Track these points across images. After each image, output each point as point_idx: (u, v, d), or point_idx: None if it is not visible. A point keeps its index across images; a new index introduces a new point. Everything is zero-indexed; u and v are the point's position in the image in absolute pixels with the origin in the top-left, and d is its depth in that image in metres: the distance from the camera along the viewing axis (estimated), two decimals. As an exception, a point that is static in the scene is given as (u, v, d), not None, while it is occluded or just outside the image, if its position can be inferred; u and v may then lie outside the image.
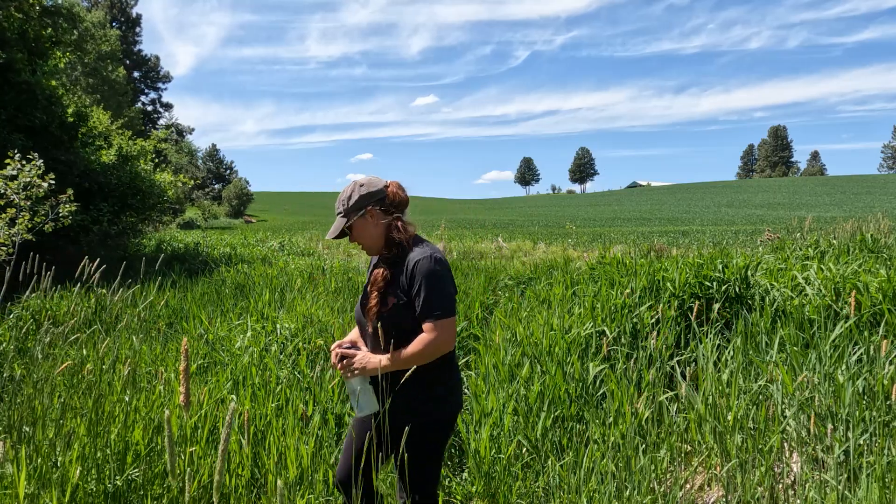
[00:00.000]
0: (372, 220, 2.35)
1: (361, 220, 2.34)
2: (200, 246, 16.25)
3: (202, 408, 3.53)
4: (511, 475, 3.45)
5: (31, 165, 6.77)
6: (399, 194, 2.40)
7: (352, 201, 2.34)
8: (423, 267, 2.25)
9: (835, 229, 9.88)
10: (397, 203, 2.38)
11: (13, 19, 10.43)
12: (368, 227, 2.35)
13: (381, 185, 2.38)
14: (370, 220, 2.35)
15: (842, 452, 3.01)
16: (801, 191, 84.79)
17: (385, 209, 2.36)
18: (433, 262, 2.27)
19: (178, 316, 6.89)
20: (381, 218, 2.35)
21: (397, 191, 2.40)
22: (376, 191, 2.35)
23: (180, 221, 43.12)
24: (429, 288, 2.24)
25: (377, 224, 2.35)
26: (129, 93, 44.47)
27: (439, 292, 2.25)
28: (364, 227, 2.35)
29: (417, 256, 2.28)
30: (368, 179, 2.39)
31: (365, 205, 2.33)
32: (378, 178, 2.40)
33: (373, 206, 2.34)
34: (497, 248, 18.23)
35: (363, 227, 2.35)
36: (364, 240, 2.38)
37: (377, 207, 2.34)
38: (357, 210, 2.33)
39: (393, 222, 2.35)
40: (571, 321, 5.21)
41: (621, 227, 34.51)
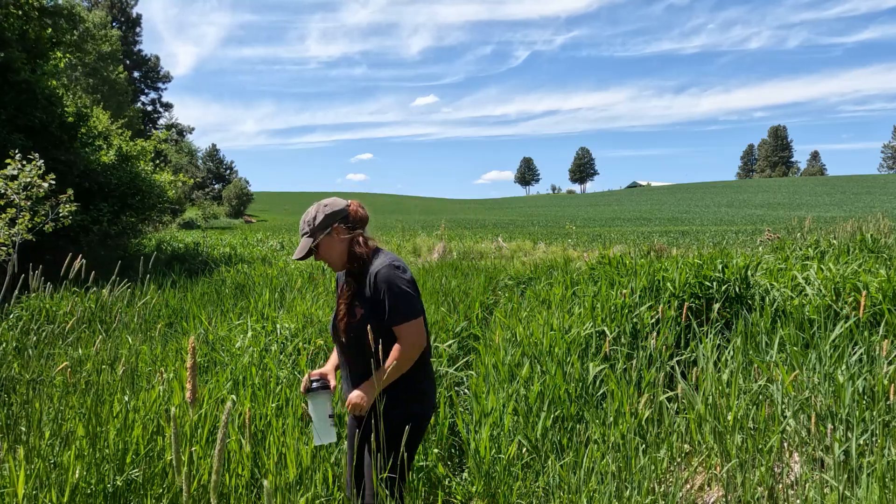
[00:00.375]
0: (337, 238, 2.48)
1: (328, 237, 2.48)
2: (200, 246, 16.25)
3: (202, 407, 3.53)
4: (511, 475, 3.45)
5: (32, 165, 6.77)
6: (360, 212, 2.56)
7: (317, 221, 2.47)
8: (383, 275, 2.41)
9: (835, 229, 9.88)
10: (359, 220, 2.54)
11: (13, 19, 10.43)
12: (334, 243, 2.49)
13: (343, 204, 2.53)
14: (336, 238, 2.48)
15: (842, 452, 3.00)
16: (801, 191, 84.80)
17: (349, 226, 2.50)
18: (392, 269, 2.43)
19: (178, 316, 6.89)
20: (344, 234, 2.49)
21: (358, 209, 2.56)
22: (340, 209, 2.50)
23: (180, 221, 43.12)
24: (392, 294, 2.39)
25: (342, 240, 2.49)
26: (130, 93, 44.48)
27: (402, 297, 2.40)
28: (330, 244, 2.49)
29: (378, 267, 2.44)
30: (331, 200, 2.54)
31: (331, 223, 2.48)
32: (340, 199, 2.55)
33: (338, 223, 2.48)
34: (497, 248, 18.23)
35: (329, 245, 2.49)
36: (330, 256, 2.51)
37: (342, 224, 2.49)
38: (324, 228, 2.47)
39: (355, 238, 2.50)
40: (571, 321, 5.21)
41: (621, 227, 34.51)
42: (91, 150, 12.18)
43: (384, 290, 2.39)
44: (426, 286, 8.64)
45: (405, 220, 47.17)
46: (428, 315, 6.51)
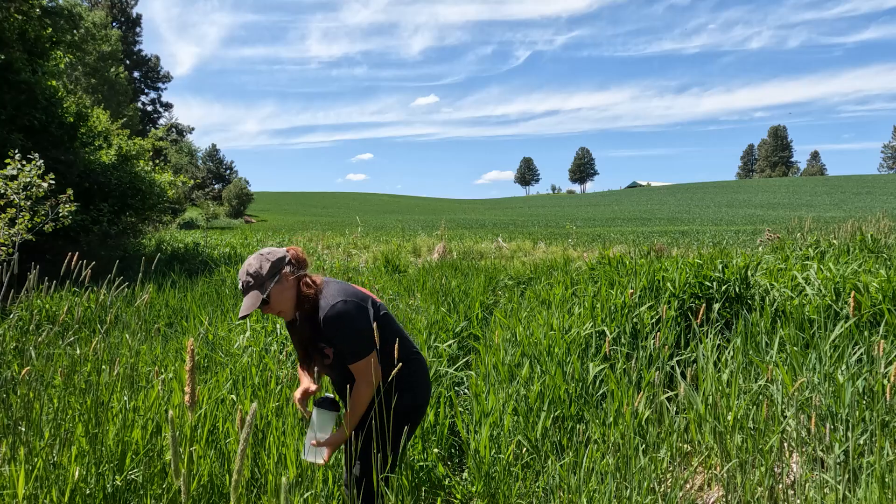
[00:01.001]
0: (287, 283, 2.42)
1: (278, 286, 2.41)
2: (200, 246, 16.25)
3: (202, 407, 3.53)
4: (511, 475, 3.44)
5: (32, 165, 6.77)
6: (299, 254, 2.52)
7: (264, 270, 2.39)
8: (330, 317, 2.38)
9: (835, 229, 9.88)
10: (301, 261, 2.50)
11: (13, 20, 10.42)
12: (285, 290, 2.42)
13: (283, 251, 2.48)
14: (286, 283, 2.42)
15: (842, 452, 3.00)
16: (801, 191, 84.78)
17: (294, 269, 2.45)
18: (337, 308, 2.38)
19: (178, 316, 6.89)
20: (293, 278, 2.44)
21: (297, 252, 2.52)
22: (283, 255, 2.45)
23: (180, 221, 43.11)
24: (341, 336, 2.39)
25: (291, 286, 2.43)
26: (130, 93, 44.48)
27: (350, 337, 2.39)
28: (281, 291, 2.41)
29: (324, 308, 2.40)
30: (270, 249, 2.48)
31: (279, 269, 2.41)
32: (277, 248, 2.53)
33: (285, 268, 2.43)
34: (497, 248, 18.23)
35: (281, 293, 2.42)
36: (282, 304, 2.44)
37: (288, 269, 2.44)
38: (272, 277, 2.39)
39: (302, 280, 2.46)
40: (571, 321, 5.21)
41: (621, 227, 34.51)
42: (91, 150, 12.18)
43: (333, 332, 2.39)
44: (426, 286, 8.64)
45: (405, 220, 47.16)
46: (428, 315, 6.51)
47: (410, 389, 2.59)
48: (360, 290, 2.57)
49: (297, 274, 2.46)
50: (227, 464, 3.28)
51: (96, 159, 11.99)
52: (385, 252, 14.87)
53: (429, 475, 3.56)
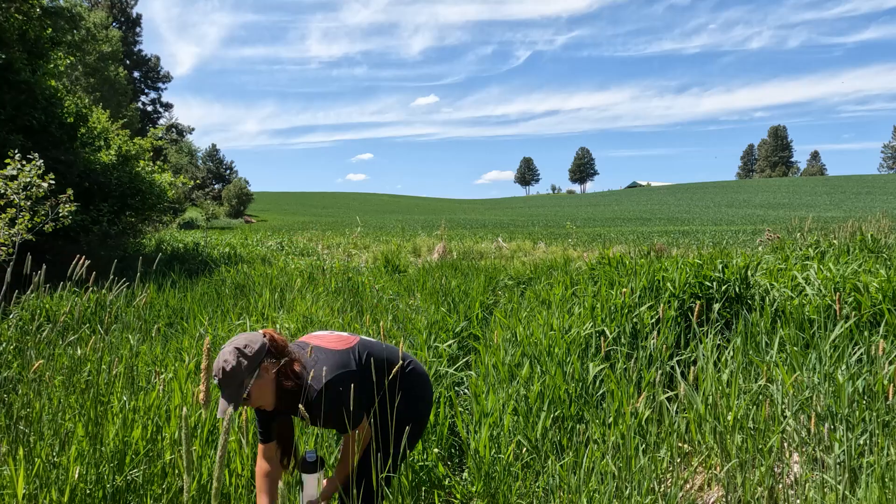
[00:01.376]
0: (268, 376, 2.23)
1: (258, 381, 2.21)
2: (200, 246, 16.25)
3: (202, 407, 3.53)
4: (511, 475, 3.44)
5: (32, 165, 6.77)
6: (277, 338, 2.31)
7: (243, 367, 2.16)
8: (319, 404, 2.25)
9: (835, 229, 9.88)
10: (280, 348, 2.29)
11: (13, 20, 10.42)
12: (265, 384, 2.23)
13: (260, 338, 2.25)
14: (266, 377, 2.23)
15: (842, 452, 3.00)
16: (801, 191, 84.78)
17: (275, 359, 2.26)
18: (326, 394, 2.25)
19: (178, 316, 6.89)
20: (273, 369, 2.25)
21: (273, 335, 2.31)
22: (261, 345, 2.23)
23: (180, 221, 43.12)
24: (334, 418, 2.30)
25: (272, 380, 2.24)
26: (130, 93, 44.48)
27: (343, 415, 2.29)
28: (261, 386, 2.23)
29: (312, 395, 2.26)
30: (244, 339, 2.23)
31: (258, 364, 2.20)
32: (250, 334, 2.26)
33: (264, 360, 2.22)
34: (497, 248, 18.23)
35: (261, 388, 2.23)
36: (264, 399, 2.26)
37: (268, 360, 2.24)
38: (252, 372, 2.18)
39: (282, 370, 2.26)
40: (571, 321, 5.21)
41: (621, 227, 34.51)
42: (91, 150, 12.18)
43: (327, 417, 2.28)
44: (426, 286, 8.64)
45: (405, 220, 47.16)
46: (428, 315, 6.51)
47: (411, 404, 2.60)
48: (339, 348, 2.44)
49: (277, 366, 2.25)
50: (228, 464, 3.28)
51: (96, 159, 11.99)
52: (385, 252, 14.88)
53: (429, 475, 3.56)
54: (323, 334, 2.59)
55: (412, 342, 5.31)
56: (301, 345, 2.46)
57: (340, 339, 2.53)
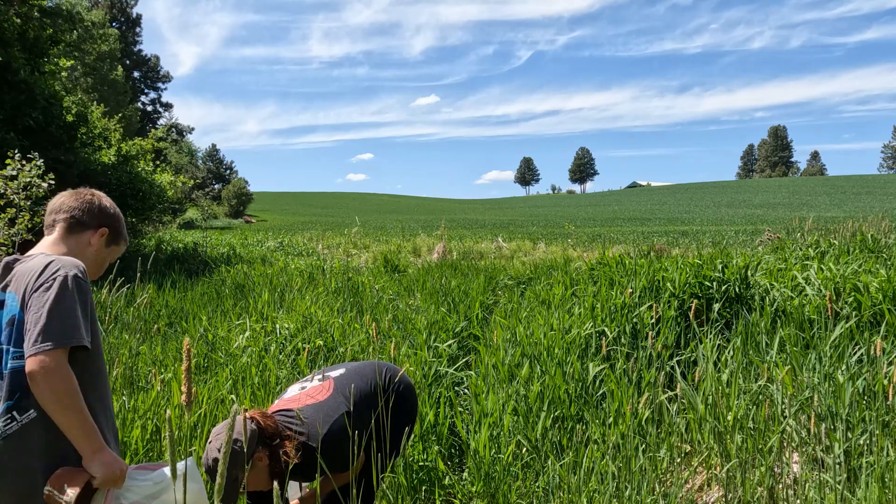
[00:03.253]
0: (262, 465, 2.17)
1: (252, 471, 2.15)
2: (200, 246, 16.25)
3: (201, 407, 3.53)
4: (511, 475, 3.44)
5: (31, 165, 6.77)
6: (267, 421, 2.22)
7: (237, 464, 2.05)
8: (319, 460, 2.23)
9: (835, 229, 9.88)
10: (271, 432, 2.21)
11: (12, 20, 10.42)
12: (260, 472, 2.17)
13: (250, 425, 2.16)
14: (260, 465, 2.17)
15: (842, 452, 3.00)
16: (801, 191, 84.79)
17: (267, 444, 2.19)
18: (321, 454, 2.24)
19: (177, 316, 6.89)
20: (267, 456, 2.18)
21: (262, 419, 2.22)
22: (252, 434, 2.14)
23: (180, 221, 43.11)
24: (334, 468, 2.32)
25: (266, 465, 2.18)
26: (129, 92, 44.45)
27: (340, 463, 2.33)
28: (257, 474, 2.17)
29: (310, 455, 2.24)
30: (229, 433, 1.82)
31: (251, 454, 2.13)
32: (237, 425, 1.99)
33: (258, 450, 2.17)
34: (497, 248, 18.23)
35: (256, 475, 2.17)
36: (260, 484, 2.20)
37: (260, 448, 2.17)
38: (243, 467, 2.07)
39: (275, 453, 2.19)
40: (571, 321, 5.21)
41: (621, 227, 34.51)
42: (91, 151, 12.17)
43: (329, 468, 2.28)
44: (426, 286, 8.64)
45: (405, 220, 47.15)
46: (428, 315, 6.51)
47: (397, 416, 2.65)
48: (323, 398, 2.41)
49: (269, 451, 2.18)
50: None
51: (96, 159, 11.99)
52: (385, 252, 14.88)
53: (428, 475, 3.56)
54: (296, 395, 2.50)
55: (412, 342, 5.31)
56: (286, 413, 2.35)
57: (317, 389, 2.49)
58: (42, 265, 1.70)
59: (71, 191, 1.90)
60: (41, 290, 1.64)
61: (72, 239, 1.86)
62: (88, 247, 1.89)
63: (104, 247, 1.92)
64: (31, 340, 1.59)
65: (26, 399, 1.64)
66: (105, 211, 1.91)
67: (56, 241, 1.84)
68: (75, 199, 1.87)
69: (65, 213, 1.85)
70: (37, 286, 1.64)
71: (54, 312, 1.61)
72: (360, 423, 2.43)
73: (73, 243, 1.86)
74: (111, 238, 1.92)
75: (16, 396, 1.65)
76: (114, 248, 1.95)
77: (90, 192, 1.91)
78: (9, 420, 1.64)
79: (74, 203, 1.86)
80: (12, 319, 1.67)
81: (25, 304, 1.65)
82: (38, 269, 1.69)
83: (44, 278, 1.65)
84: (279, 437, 2.22)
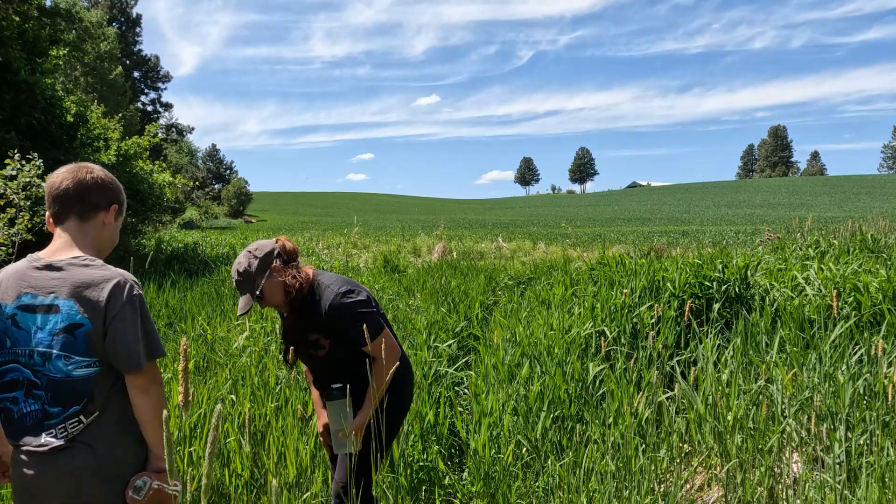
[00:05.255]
0: (278, 277, 2.44)
1: (269, 281, 2.44)
2: (200, 246, 16.24)
3: (201, 407, 3.53)
4: (510, 475, 3.44)
5: (31, 165, 6.76)
6: (288, 245, 2.54)
7: (254, 268, 2.42)
8: (335, 306, 2.42)
9: (835, 229, 9.88)
10: (290, 253, 2.52)
11: (11, 20, 10.42)
12: (276, 285, 2.45)
13: (272, 244, 2.50)
14: (276, 277, 2.44)
15: (842, 452, 3.00)
16: (801, 191, 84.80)
17: (284, 262, 2.48)
18: (342, 297, 2.43)
19: (177, 316, 6.89)
20: (283, 272, 2.46)
21: (285, 243, 2.54)
22: (271, 250, 2.47)
23: (180, 221, 43.10)
24: (351, 321, 2.41)
25: (282, 279, 2.45)
26: (129, 93, 44.44)
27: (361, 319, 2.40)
28: (272, 287, 2.45)
29: (328, 299, 2.44)
30: (258, 244, 2.49)
31: (268, 264, 2.44)
32: (265, 241, 2.51)
33: (274, 262, 2.46)
34: (497, 248, 18.23)
35: (272, 288, 2.45)
36: (275, 298, 2.47)
37: (278, 262, 2.46)
38: (262, 272, 2.42)
39: (290, 272, 2.47)
40: (571, 321, 5.21)
41: (621, 227, 34.52)
42: (90, 151, 12.16)
43: (342, 320, 2.42)
44: (426, 286, 8.64)
45: (405, 220, 47.15)
46: (428, 315, 6.51)
47: (398, 392, 2.60)
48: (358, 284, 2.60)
49: (286, 267, 2.47)
50: (228, 464, 3.27)
51: (96, 160, 11.98)
52: (385, 252, 14.88)
53: (428, 475, 3.56)
54: None
55: (412, 342, 5.31)
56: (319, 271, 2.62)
57: None
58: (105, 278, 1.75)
59: (66, 170, 1.88)
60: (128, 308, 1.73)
61: (89, 226, 1.88)
62: (104, 227, 1.91)
63: (115, 221, 1.95)
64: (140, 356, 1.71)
65: (91, 404, 1.73)
66: (108, 186, 1.92)
67: (75, 234, 1.85)
68: (77, 181, 1.85)
69: (72, 201, 1.84)
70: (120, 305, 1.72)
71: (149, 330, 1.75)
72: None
73: (92, 229, 1.88)
74: (119, 211, 1.96)
75: (83, 402, 1.72)
76: (121, 218, 1.99)
77: (87, 170, 1.89)
78: (76, 423, 1.72)
79: (79, 187, 1.85)
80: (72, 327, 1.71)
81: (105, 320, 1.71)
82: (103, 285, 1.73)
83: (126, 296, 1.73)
84: (296, 262, 2.52)
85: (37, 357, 1.72)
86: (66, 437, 1.70)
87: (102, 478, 1.71)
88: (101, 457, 1.71)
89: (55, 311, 1.72)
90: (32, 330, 1.72)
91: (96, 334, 1.70)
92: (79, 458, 1.70)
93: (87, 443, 1.71)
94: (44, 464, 1.70)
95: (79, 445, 1.71)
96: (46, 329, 1.71)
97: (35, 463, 1.70)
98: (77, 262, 1.78)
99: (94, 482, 1.70)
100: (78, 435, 1.71)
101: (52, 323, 1.71)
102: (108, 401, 1.74)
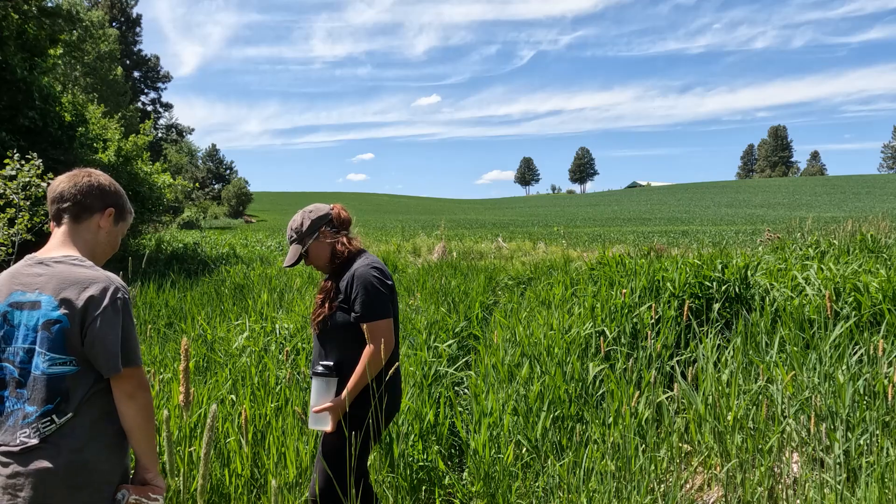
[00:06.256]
0: (324, 241, 2.59)
1: (316, 242, 2.59)
2: (199, 246, 16.24)
3: (201, 407, 3.53)
4: (510, 475, 3.44)
5: (30, 165, 6.76)
6: (342, 214, 2.67)
7: (305, 227, 2.58)
8: (360, 273, 2.49)
9: (835, 229, 9.88)
10: (343, 222, 2.66)
11: (10, 20, 10.41)
12: (322, 247, 2.59)
13: (327, 208, 2.65)
14: (323, 241, 2.59)
15: (842, 452, 3.00)
16: (800, 191, 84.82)
17: (334, 229, 2.61)
18: (371, 269, 2.51)
19: (177, 316, 6.89)
20: (331, 237, 2.60)
21: (340, 211, 2.68)
22: (324, 213, 2.62)
23: (180, 221, 43.11)
24: (365, 292, 2.46)
25: (328, 243, 2.59)
26: (129, 93, 44.43)
27: (374, 295, 2.47)
28: (318, 248, 2.59)
29: (358, 266, 2.53)
30: (315, 206, 2.66)
31: (318, 227, 2.59)
32: (323, 204, 2.66)
33: (324, 227, 2.60)
34: (497, 248, 18.23)
35: (318, 249, 2.59)
36: (319, 260, 2.61)
37: (327, 228, 2.60)
38: (311, 233, 2.58)
39: (339, 239, 2.61)
40: (571, 321, 5.21)
41: (621, 227, 34.53)
42: (90, 151, 12.16)
43: (359, 286, 2.46)
44: (426, 286, 8.64)
45: (405, 220, 47.16)
46: (428, 315, 6.51)
47: (391, 392, 2.58)
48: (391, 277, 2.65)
49: (335, 233, 2.59)
50: (228, 464, 3.27)
51: (95, 160, 11.98)
52: (385, 252, 14.87)
53: (428, 475, 3.56)
54: None
55: (412, 342, 5.31)
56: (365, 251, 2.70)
57: None
58: (90, 279, 1.72)
59: (67, 175, 1.89)
60: (110, 310, 1.70)
61: (82, 227, 1.87)
62: (100, 230, 1.90)
63: (113, 226, 1.93)
64: (121, 360, 1.68)
65: (65, 403, 1.69)
66: (105, 190, 1.90)
67: (69, 234, 1.84)
68: (73, 184, 1.85)
69: (68, 203, 1.84)
70: (102, 308, 1.69)
71: (131, 334, 1.73)
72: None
73: (86, 232, 1.87)
74: (118, 215, 1.93)
75: (56, 401, 1.68)
76: (122, 224, 1.97)
77: (86, 174, 1.89)
78: (48, 423, 1.67)
79: (74, 189, 1.85)
80: (49, 323, 1.68)
81: (83, 320, 1.68)
82: (88, 284, 1.71)
83: (109, 299, 1.70)
84: (346, 230, 2.65)
85: (22, 354, 1.70)
86: (38, 437, 1.66)
87: (69, 483, 1.65)
88: (68, 461, 1.65)
89: (38, 307, 1.70)
90: (20, 327, 1.71)
91: (73, 333, 1.67)
92: (45, 461, 1.64)
93: (56, 444, 1.66)
94: (16, 464, 1.65)
95: (47, 447, 1.65)
96: (31, 325, 1.70)
97: (9, 463, 1.66)
98: (66, 261, 1.76)
99: (60, 487, 1.64)
100: (50, 436, 1.66)
101: (34, 319, 1.70)
102: (84, 403, 1.68)
